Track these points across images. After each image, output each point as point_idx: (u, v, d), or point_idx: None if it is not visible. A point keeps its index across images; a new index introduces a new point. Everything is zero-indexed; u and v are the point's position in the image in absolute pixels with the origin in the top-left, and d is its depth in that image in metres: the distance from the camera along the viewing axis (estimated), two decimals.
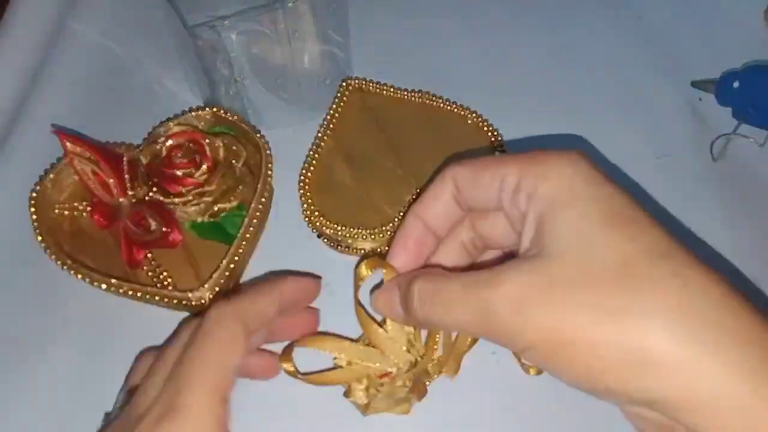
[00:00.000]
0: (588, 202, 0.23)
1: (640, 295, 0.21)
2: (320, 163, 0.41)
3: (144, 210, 0.36)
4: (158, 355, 0.29)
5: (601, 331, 0.21)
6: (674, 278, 0.21)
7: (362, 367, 0.31)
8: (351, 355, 0.32)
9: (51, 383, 0.35)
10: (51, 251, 0.35)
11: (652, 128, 0.45)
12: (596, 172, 0.24)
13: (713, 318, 0.21)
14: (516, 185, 0.25)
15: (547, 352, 0.22)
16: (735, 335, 0.20)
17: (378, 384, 0.32)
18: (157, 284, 0.36)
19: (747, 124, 0.44)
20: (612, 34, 0.50)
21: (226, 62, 0.40)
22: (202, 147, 0.38)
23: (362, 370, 0.32)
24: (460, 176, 0.28)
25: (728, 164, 0.44)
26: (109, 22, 0.49)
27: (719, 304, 0.21)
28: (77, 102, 0.45)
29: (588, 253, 0.22)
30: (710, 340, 0.20)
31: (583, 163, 0.24)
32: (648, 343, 0.21)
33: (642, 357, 0.21)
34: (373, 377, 0.32)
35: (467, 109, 0.43)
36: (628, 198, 0.24)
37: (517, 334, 0.23)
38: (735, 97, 0.44)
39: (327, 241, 0.39)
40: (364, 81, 0.44)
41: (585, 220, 0.23)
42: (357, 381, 0.32)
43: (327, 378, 0.32)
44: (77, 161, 0.36)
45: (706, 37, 0.50)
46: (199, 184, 0.37)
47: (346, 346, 0.32)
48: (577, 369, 0.22)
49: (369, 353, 0.31)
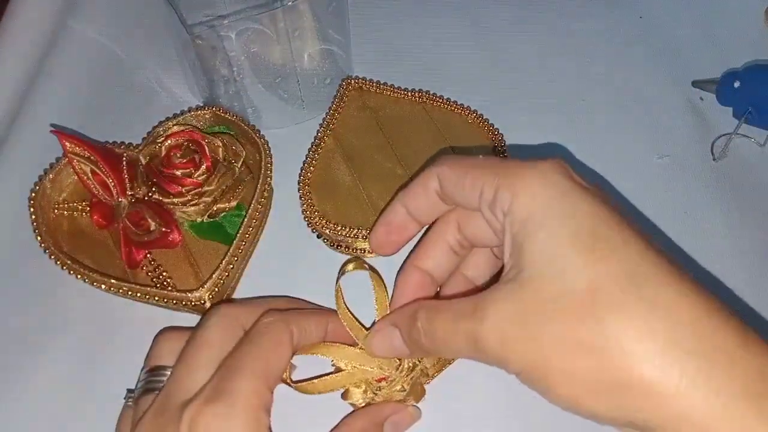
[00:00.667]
0: (561, 220, 0.23)
1: (610, 324, 0.21)
2: (320, 163, 0.40)
3: (143, 210, 0.36)
4: (189, 341, 0.29)
5: (576, 363, 0.22)
6: (642, 303, 0.21)
7: (360, 371, 0.31)
8: (349, 359, 0.32)
9: (51, 383, 0.34)
10: (50, 251, 0.35)
11: (653, 128, 0.45)
12: (572, 184, 0.24)
13: (682, 343, 0.21)
14: (493, 197, 0.25)
15: (531, 380, 0.23)
16: (704, 359, 0.20)
17: (376, 387, 0.32)
18: (156, 284, 0.36)
19: (748, 124, 0.44)
20: (612, 34, 0.50)
21: (226, 62, 0.40)
22: (201, 147, 0.38)
23: (360, 374, 0.31)
24: (444, 175, 0.28)
25: (729, 164, 0.44)
26: (109, 22, 0.49)
27: (690, 327, 0.21)
28: (77, 102, 0.45)
29: (559, 279, 0.22)
30: (680, 366, 0.20)
31: (558, 176, 0.24)
32: (621, 372, 0.21)
33: (617, 384, 0.21)
34: (371, 381, 0.32)
35: (467, 109, 0.43)
36: (605, 212, 0.23)
37: (504, 364, 0.24)
38: (736, 97, 0.44)
39: (327, 241, 0.39)
40: (364, 81, 0.44)
41: (556, 241, 0.23)
42: (355, 385, 0.32)
43: (323, 385, 0.31)
44: (76, 161, 0.36)
45: (707, 36, 0.50)
46: (198, 184, 0.37)
47: (345, 350, 0.32)
48: (562, 395, 0.23)
49: (367, 357, 0.31)
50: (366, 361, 0.31)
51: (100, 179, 0.37)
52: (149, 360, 0.31)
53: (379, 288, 0.33)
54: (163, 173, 0.37)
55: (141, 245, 0.36)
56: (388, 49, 0.48)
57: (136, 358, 0.35)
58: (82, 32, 0.48)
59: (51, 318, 0.36)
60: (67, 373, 0.35)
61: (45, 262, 0.35)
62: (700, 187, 0.43)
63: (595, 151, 0.43)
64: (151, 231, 0.36)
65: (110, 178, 0.37)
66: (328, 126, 0.42)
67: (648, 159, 0.44)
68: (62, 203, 0.38)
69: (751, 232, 0.41)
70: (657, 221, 0.41)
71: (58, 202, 0.38)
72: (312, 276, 0.37)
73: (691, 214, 0.41)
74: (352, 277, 0.33)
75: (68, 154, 0.36)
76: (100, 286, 0.34)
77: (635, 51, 0.49)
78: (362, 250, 0.38)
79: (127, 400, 0.32)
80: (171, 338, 0.31)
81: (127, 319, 0.36)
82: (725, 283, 0.39)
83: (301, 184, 0.39)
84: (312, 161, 0.40)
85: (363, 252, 0.38)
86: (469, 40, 0.49)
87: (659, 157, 0.44)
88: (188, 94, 0.45)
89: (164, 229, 0.37)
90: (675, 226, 0.41)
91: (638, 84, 0.47)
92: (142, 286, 0.35)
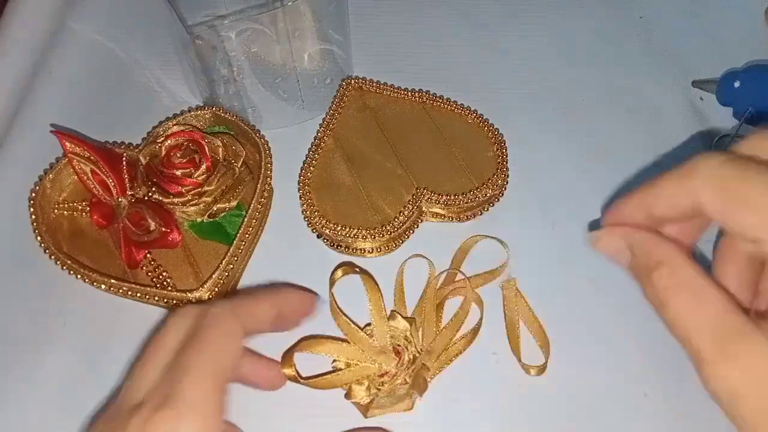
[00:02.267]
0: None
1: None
2: (320, 163, 0.40)
3: (143, 210, 0.36)
4: (147, 344, 0.29)
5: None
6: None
7: (362, 367, 0.32)
8: (350, 356, 0.32)
9: (50, 383, 0.34)
10: (50, 251, 0.35)
11: (653, 128, 0.45)
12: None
13: None
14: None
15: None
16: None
17: (378, 383, 0.32)
18: (156, 284, 0.36)
19: (748, 124, 0.44)
20: (612, 34, 0.50)
21: (226, 62, 0.40)
22: (201, 147, 0.38)
23: (362, 371, 0.32)
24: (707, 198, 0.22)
25: None
26: (109, 22, 0.49)
27: None
28: (77, 102, 0.45)
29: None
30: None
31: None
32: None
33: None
34: (373, 377, 0.32)
35: (467, 109, 0.43)
36: None
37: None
38: (736, 96, 0.44)
39: (327, 241, 0.39)
40: (364, 81, 0.44)
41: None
42: (358, 382, 0.32)
43: (329, 381, 0.32)
44: (76, 161, 0.36)
45: (707, 36, 0.50)
46: (198, 184, 0.37)
47: (345, 347, 0.32)
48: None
49: (366, 354, 0.32)
50: (365, 358, 0.32)
51: (100, 179, 0.37)
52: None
53: (372, 290, 0.33)
54: (163, 173, 0.37)
55: (141, 245, 0.36)
56: (388, 49, 0.48)
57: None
58: (82, 32, 0.48)
59: (50, 318, 0.36)
60: (67, 373, 0.35)
61: (45, 262, 0.35)
62: None
63: (596, 151, 0.43)
64: (151, 231, 0.36)
65: (110, 178, 0.37)
66: (328, 126, 0.42)
67: (648, 158, 0.44)
68: (62, 203, 0.38)
69: None
70: None
71: (58, 202, 0.38)
72: (312, 276, 0.37)
73: None
74: (346, 280, 0.33)
75: (68, 154, 0.36)
76: (100, 286, 0.34)
77: (635, 51, 0.49)
78: (362, 250, 0.38)
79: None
80: None
81: (127, 319, 0.36)
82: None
83: (301, 184, 0.39)
84: (312, 161, 0.40)
85: (363, 252, 0.38)
86: (468, 40, 0.49)
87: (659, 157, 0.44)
88: (188, 94, 0.45)
89: (164, 229, 0.36)
90: None
91: (638, 84, 0.47)
92: (142, 286, 0.35)
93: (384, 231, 0.38)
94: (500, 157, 0.41)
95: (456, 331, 0.35)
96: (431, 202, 0.39)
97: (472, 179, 0.40)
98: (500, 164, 0.40)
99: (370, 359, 0.32)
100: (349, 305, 0.34)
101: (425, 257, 0.38)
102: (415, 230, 0.39)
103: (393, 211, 0.39)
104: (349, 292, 0.34)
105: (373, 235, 0.38)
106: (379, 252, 0.38)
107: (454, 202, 0.39)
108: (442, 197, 0.39)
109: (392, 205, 0.39)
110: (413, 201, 0.39)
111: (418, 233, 0.39)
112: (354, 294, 0.34)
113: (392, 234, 0.38)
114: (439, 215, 0.40)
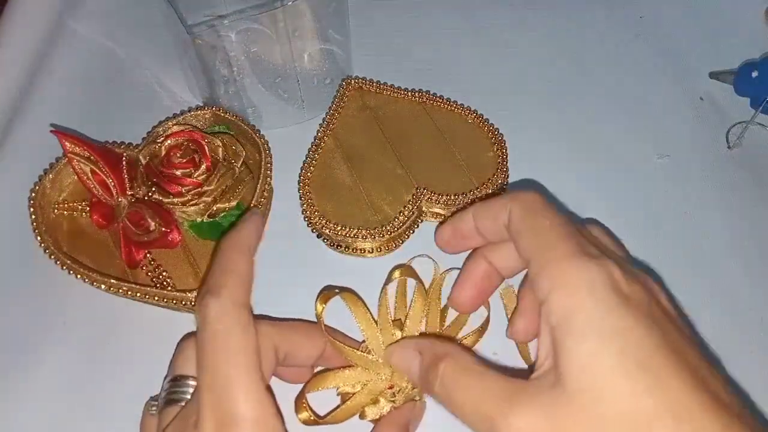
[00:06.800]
0: (605, 336, 0.22)
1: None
2: (320, 163, 0.40)
3: (143, 210, 0.36)
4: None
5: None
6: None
7: (372, 384, 0.31)
8: (357, 379, 0.32)
9: (50, 383, 0.34)
10: (50, 251, 0.35)
11: (653, 127, 0.45)
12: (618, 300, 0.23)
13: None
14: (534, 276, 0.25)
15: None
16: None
17: (390, 395, 0.32)
18: (156, 284, 0.36)
19: (764, 113, 0.45)
20: (612, 34, 0.50)
21: (226, 61, 0.40)
22: (201, 147, 0.38)
23: (373, 387, 0.31)
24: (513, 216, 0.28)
25: (744, 152, 0.44)
26: (109, 22, 0.49)
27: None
28: (77, 102, 0.45)
29: (599, 404, 0.22)
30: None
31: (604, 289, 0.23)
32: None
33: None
34: (383, 391, 0.32)
35: (467, 109, 0.43)
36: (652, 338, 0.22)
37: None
38: (753, 86, 0.45)
39: (327, 241, 0.39)
40: (364, 81, 0.44)
41: (599, 360, 0.22)
42: (372, 402, 0.32)
43: (346, 411, 0.31)
44: (76, 161, 0.36)
45: (707, 36, 0.50)
46: (198, 183, 0.37)
47: (350, 373, 0.32)
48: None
49: (369, 372, 0.32)
50: (371, 375, 0.32)
51: (100, 179, 0.37)
52: (172, 369, 0.30)
53: (355, 305, 0.32)
54: (163, 173, 0.37)
55: (141, 245, 0.36)
56: (388, 49, 0.48)
57: (136, 358, 0.35)
58: (82, 32, 0.48)
59: (50, 318, 0.36)
60: (67, 373, 0.35)
61: (45, 262, 0.35)
62: (701, 186, 0.43)
63: (596, 151, 0.44)
64: (151, 231, 0.36)
65: (110, 178, 0.36)
66: (328, 126, 0.42)
67: (648, 158, 0.44)
68: (62, 203, 0.38)
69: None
70: (657, 220, 0.41)
71: (58, 202, 0.38)
72: (312, 276, 0.37)
73: (692, 214, 0.41)
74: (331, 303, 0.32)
75: (68, 154, 0.36)
76: (100, 286, 0.34)
77: (635, 51, 0.49)
78: (362, 249, 0.38)
79: (149, 407, 0.30)
80: (194, 346, 0.29)
81: (127, 319, 0.36)
82: (725, 284, 0.39)
83: (301, 184, 0.39)
84: (312, 161, 0.40)
85: (363, 252, 0.38)
86: (469, 40, 0.49)
87: (659, 157, 0.44)
88: (188, 94, 0.45)
89: (164, 229, 0.36)
90: (675, 225, 0.41)
91: (638, 84, 0.47)
92: (142, 286, 0.35)
93: (384, 231, 0.38)
94: (500, 157, 0.41)
95: (459, 330, 0.35)
96: (431, 202, 0.39)
97: (472, 179, 0.40)
98: (500, 164, 0.40)
99: (376, 375, 0.32)
100: (343, 325, 0.33)
101: (430, 257, 0.38)
102: (415, 230, 0.39)
103: (393, 211, 0.39)
104: (338, 309, 0.33)
105: (373, 235, 0.38)
106: (379, 252, 0.38)
107: (454, 202, 0.39)
108: (442, 197, 0.39)
109: (392, 205, 0.39)
110: (413, 201, 0.39)
111: (418, 233, 0.39)
112: (345, 313, 0.33)
113: (392, 234, 0.38)
114: (439, 215, 0.40)
